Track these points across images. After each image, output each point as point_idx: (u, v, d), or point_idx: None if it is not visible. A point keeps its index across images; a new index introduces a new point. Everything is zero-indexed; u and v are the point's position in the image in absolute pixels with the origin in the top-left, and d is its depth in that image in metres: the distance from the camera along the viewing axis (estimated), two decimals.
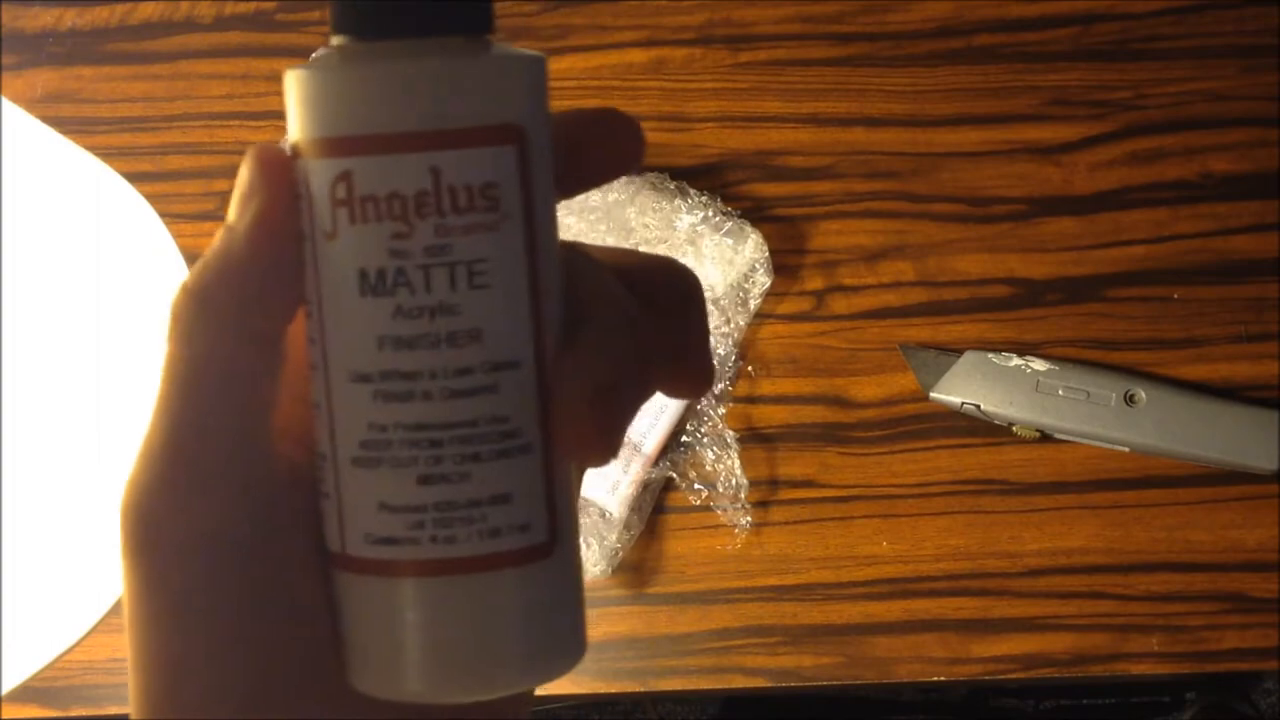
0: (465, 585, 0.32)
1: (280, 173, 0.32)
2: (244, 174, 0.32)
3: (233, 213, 0.32)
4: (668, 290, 0.35)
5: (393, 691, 0.32)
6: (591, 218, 0.77)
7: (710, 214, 0.77)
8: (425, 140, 0.31)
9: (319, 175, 0.31)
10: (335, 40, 0.32)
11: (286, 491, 0.33)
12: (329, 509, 0.32)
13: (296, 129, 0.32)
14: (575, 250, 0.34)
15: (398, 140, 0.31)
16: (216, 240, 0.32)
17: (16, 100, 0.85)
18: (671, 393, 0.36)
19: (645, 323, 0.33)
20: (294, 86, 0.32)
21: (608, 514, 0.74)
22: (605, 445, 0.31)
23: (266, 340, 0.33)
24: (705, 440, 0.76)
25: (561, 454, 0.32)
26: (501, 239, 0.31)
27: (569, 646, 0.33)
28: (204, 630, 0.32)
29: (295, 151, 0.32)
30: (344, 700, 0.33)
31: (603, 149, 0.34)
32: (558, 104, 0.33)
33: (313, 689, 0.33)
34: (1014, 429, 0.75)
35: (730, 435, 0.76)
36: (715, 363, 0.34)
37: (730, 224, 0.77)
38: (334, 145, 0.31)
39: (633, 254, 0.36)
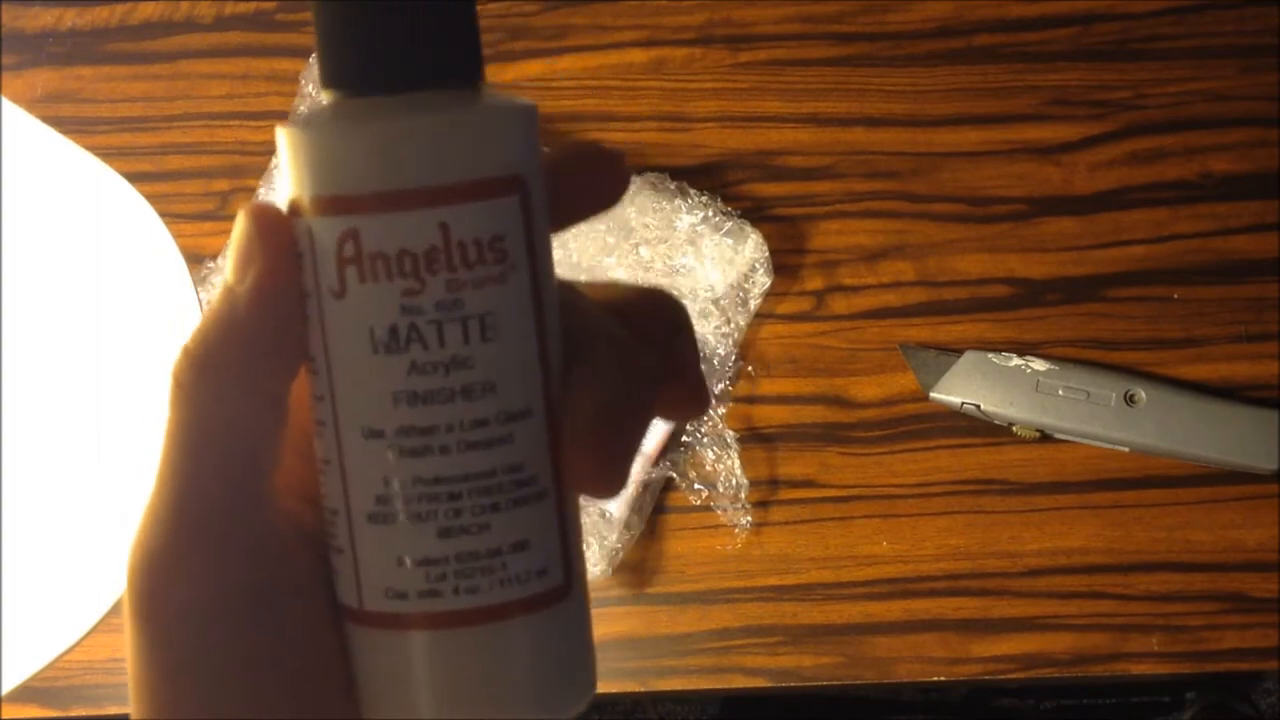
0: (487, 633, 0.32)
1: (279, 232, 0.32)
2: (241, 234, 0.32)
3: (232, 274, 0.32)
4: (655, 319, 0.35)
5: None
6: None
7: (710, 214, 0.77)
8: (433, 196, 0.30)
9: (324, 234, 0.31)
10: (326, 96, 0.32)
11: (291, 551, 0.33)
12: (342, 564, 0.32)
13: (295, 187, 0.32)
14: (565, 288, 0.34)
15: (406, 197, 0.30)
16: (217, 302, 0.32)
17: (16, 100, 0.85)
18: (670, 416, 0.36)
19: (638, 352, 0.34)
20: (291, 144, 0.31)
21: (608, 514, 0.74)
22: (613, 476, 0.32)
23: (271, 401, 0.33)
24: (705, 440, 0.76)
25: (573, 489, 0.33)
26: (510, 290, 0.31)
27: (583, 684, 0.34)
28: (206, 694, 0.32)
29: (294, 209, 0.32)
30: None
31: (585, 186, 0.34)
32: (558, 104, 0.33)
33: None
34: (1014, 429, 0.75)
35: (730, 435, 0.76)
36: (709, 384, 0.35)
37: (730, 224, 0.77)
38: (340, 203, 0.31)
39: (618, 286, 0.36)
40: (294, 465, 0.34)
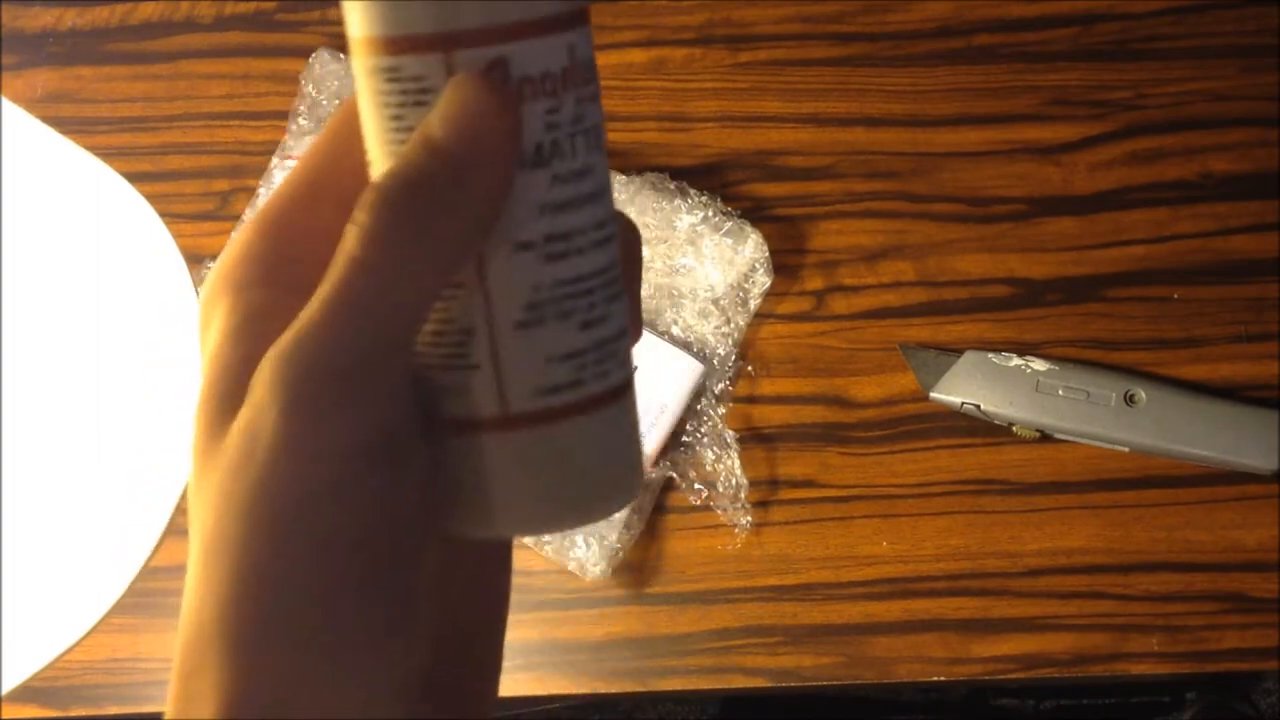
0: (617, 410, 0.36)
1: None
2: (474, 98, 0.33)
3: (447, 133, 0.33)
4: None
5: (558, 524, 0.36)
6: None
7: (710, 214, 0.77)
8: (565, 21, 0.34)
9: (472, 66, 0.33)
10: None
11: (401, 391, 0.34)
12: (477, 380, 0.34)
13: (433, 22, 0.33)
14: None
15: (546, 23, 0.34)
16: (418, 153, 0.33)
17: (16, 100, 0.85)
18: None
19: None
20: None
21: None
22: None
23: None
24: (705, 440, 0.76)
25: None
26: (599, 105, 0.35)
27: (642, 466, 0.38)
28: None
29: (434, 44, 0.33)
30: (450, 552, 0.36)
31: None
32: None
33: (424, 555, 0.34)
34: (1014, 429, 0.75)
35: (730, 435, 0.76)
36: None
37: (730, 224, 0.77)
38: (488, 35, 0.33)
39: None
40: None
